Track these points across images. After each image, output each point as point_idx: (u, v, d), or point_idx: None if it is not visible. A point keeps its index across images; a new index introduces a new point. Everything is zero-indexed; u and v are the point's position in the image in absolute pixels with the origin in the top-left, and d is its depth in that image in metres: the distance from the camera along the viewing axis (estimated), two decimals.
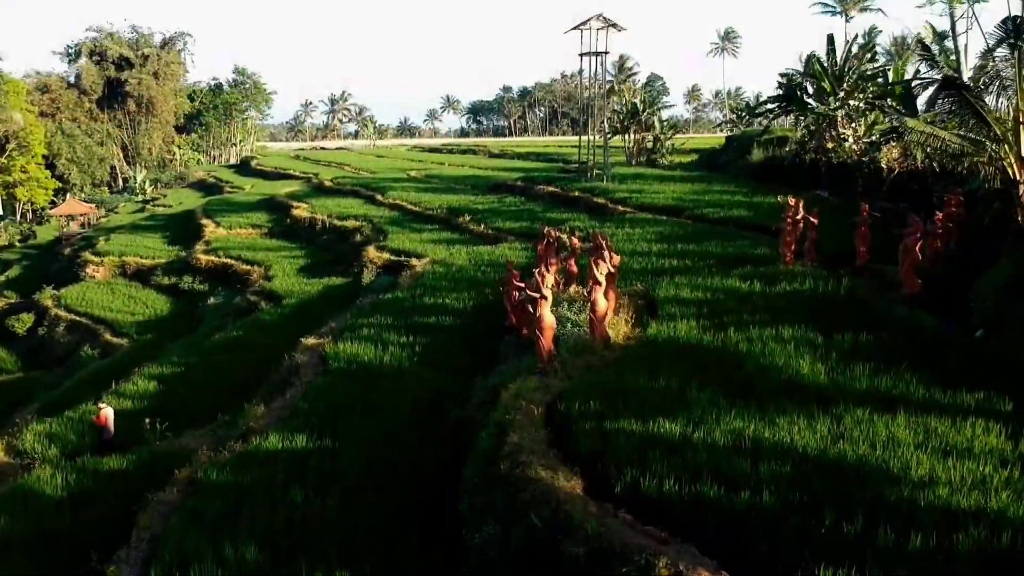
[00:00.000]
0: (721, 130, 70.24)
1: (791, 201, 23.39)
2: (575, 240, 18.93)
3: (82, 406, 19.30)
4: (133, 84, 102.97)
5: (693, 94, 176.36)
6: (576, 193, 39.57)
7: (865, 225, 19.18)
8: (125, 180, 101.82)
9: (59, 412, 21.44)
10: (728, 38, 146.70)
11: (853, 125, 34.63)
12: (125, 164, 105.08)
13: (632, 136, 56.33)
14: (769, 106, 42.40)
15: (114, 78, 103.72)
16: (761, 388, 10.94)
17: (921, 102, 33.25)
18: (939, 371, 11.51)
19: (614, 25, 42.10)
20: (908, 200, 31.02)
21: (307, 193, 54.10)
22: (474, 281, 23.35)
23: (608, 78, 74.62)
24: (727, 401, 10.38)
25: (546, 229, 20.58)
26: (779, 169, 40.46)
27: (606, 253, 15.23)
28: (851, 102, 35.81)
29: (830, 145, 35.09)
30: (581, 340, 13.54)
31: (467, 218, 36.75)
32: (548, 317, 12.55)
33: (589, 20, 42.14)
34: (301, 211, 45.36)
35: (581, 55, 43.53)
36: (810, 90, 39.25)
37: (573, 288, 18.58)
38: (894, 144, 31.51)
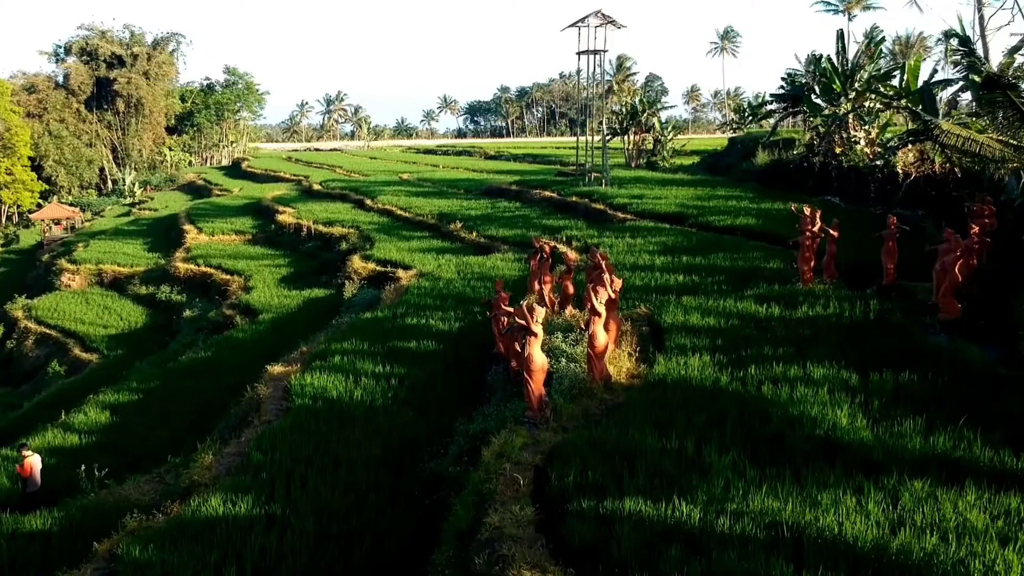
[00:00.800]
0: (723, 131, 68.37)
1: (807, 211, 21.56)
2: (571, 255, 17.04)
3: (21, 441, 17.33)
4: (122, 83, 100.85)
5: (692, 94, 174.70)
6: (573, 198, 37.73)
7: (893, 240, 17.32)
8: (114, 182, 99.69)
9: (9, 442, 19.58)
10: (727, 37, 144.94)
11: (866, 127, 32.79)
12: (114, 166, 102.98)
13: (631, 137, 54.50)
14: (774, 107, 40.53)
15: (103, 78, 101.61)
16: (794, 449, 9.07)
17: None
18: (1002, 424, 9.67)
19: (613, 22, 40.26)
20: (925, 207, 29.28)
21: (294, 197, 52.18)
22: (462, 297, 21.48)
23: (607, 78, 72.79)
24: (755, 469, 8.51)
25: (540, 243, 18.70)
26: (786, 173, 38.66)
27: (606, 276, 13.37)
28: (864, 103, 34.00)
29: (839, 149, 33.22)
30: (578, 380, 11.67)
31: (458, 225, 34.90)
32: (539, 357, 10.67)
33: (587, 17, 40.31)
34: (286, 216, 43.48)
35: (579, 53, 41.68)
36: (817, 90, 37.44)
37: (569, 311, 16.73)
38: (910, 147, 29.69)
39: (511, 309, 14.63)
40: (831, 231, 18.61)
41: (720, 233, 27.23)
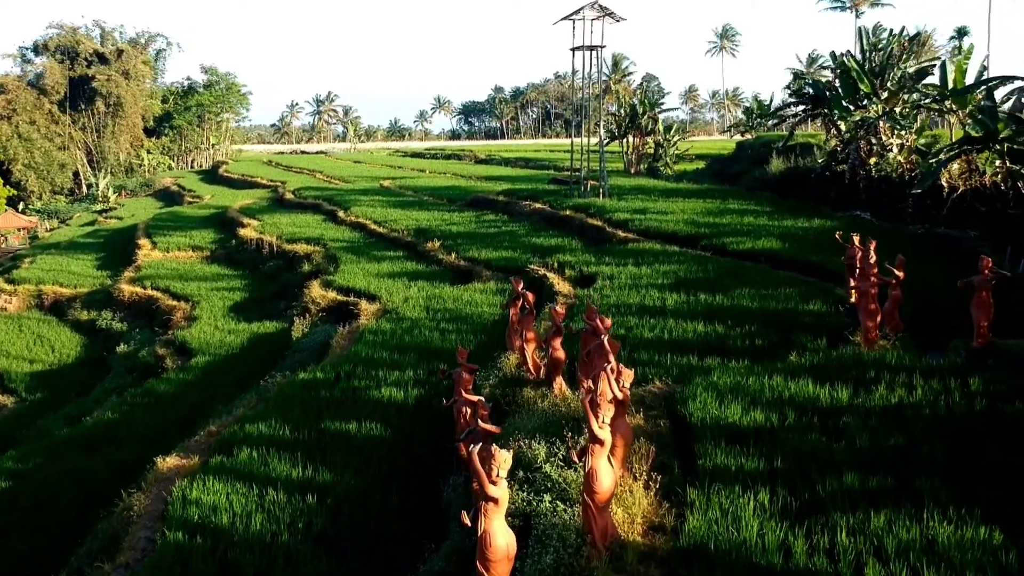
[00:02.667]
0: (731, 134, 63.91)
1: (856, 241, 17.41)
2: (559, 309, 12.81)
3: None
4: (102, 80, 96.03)
5: (690, 95, 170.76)
6: (567, 212, 33.58)
7: (988, 289, 13.11)
8: (89, 187, 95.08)
9: None
10: (727, 36, 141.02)
11: (902, 132, 28.60)
12: (89, 170, 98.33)
13: (631, 141, 50.36)
14: (792, 109, 36.39)
15: (78, 77, 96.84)
16: None
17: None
18: None
19: (611, 14, 36.06)
20: (976, 226, 25.27)
21: (263, 208, 47.89)
22: (426, 348, 17.24)
23: (603, 78, 68.68)
24: None
25: (520, 287, 14.48)
26: (804, 182, 34.56)
27: (610, 361, 9.19)
28: (896, 107, 29.85)
29: (873, 160, 29.04)
30: (567, 544, 7.43)
31: (436, 244, 30.68)
32: (500, 537, 6.41)
33: (582, 9, 36.12)
34: (249, 231, 39.16)
35: (573, 49, 37.46)
36: (839, 91, 33.36)
37: (559, 386, 12.49)
38: (959, 158, 25.58)
39: (475, 399, 10.44)
40: (896, 271, 14.42)
41: (739, 259, 23.09)
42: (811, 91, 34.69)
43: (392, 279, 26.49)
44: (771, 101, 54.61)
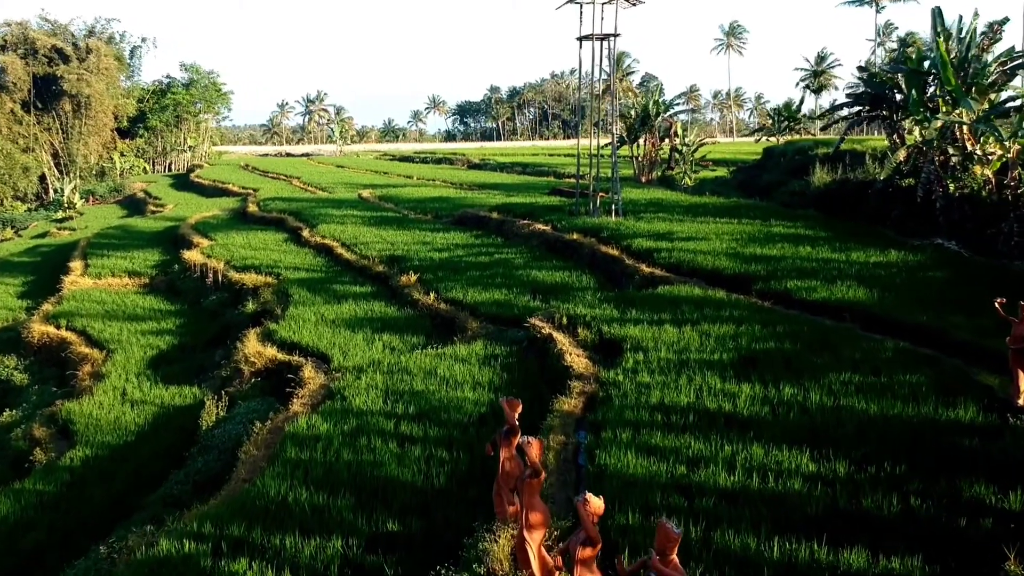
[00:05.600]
0: (756, 139, 57.99)
1: None
2: (591, 501, 6.70)
3: None
4: (71, 80, 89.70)
5: (691, 95, 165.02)
6: (574, 235, 27.58)
7: None
8: (56, 192, 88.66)
9: None
10: (733, 34, 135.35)
11: (1005, 141, 22.64)
12: (57, 173, 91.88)
13: (644, 146, 44.38)
14: (845, 112, 30.41)
15: (42, 75, 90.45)
16: None
17: None
18: None
19: None
20: None
21: (221, 223, 41.77)
22: (372, 479, 11.20)
23: (603, 76, 63.01)
24: None
25: (516, 413, 8.54)
26: (856, 199, 28.60)
27: None
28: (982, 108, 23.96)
29: (981, 172, 23.05)
30: None
31: (413, 278, 24.69)
32: None
33: None
34: (195, 254, 33.00)
35: (580, 39, 31.46)
36: (904, 89, 27.53)
37: None
38: None
39: None
40: None
41: (813, 313, 17.15)
42: (869, 90, 28.76)
43: (351, 329, 20.48)
44: (801, 102, 48.57)
